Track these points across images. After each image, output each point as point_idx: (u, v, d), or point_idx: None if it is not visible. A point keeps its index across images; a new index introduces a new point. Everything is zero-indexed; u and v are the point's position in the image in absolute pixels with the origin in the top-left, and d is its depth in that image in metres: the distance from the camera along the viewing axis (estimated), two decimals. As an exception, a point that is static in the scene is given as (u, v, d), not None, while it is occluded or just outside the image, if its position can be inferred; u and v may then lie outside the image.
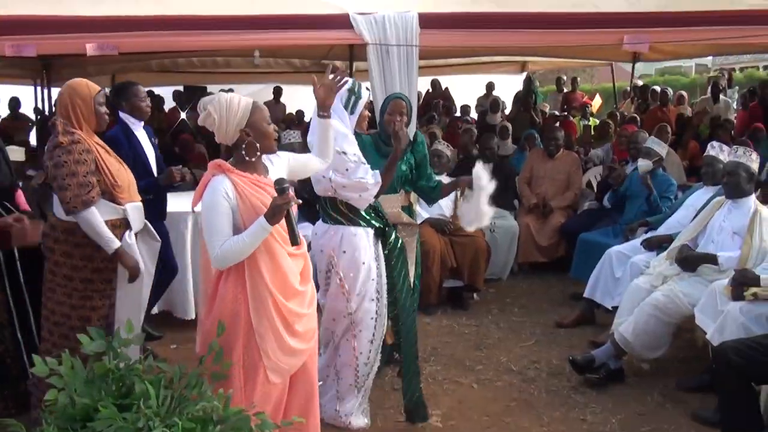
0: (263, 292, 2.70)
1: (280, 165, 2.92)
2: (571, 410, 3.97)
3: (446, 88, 12.40)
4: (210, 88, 11.36)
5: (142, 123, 4.59)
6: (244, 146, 2.73)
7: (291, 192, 2.68)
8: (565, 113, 11.52)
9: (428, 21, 5.85)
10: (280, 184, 2.65)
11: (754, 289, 3.67)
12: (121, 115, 4.52)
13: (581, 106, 11.90)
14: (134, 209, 3.58)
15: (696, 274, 4.26)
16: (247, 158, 2.74)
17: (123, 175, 3.58)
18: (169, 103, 11.44)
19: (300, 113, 11.32)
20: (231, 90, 11.63)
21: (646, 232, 5.44)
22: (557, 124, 9.09)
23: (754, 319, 3.61)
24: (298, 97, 11.75)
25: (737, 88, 12.74)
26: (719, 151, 4.85)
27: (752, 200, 4.29)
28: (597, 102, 12.70)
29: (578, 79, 14.05)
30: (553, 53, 10.15)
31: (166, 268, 4.63)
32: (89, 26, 5.19)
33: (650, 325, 4.16)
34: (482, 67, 12.20)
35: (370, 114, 3.78)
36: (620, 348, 4.26)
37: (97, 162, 3.43)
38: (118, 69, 9.45)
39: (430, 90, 12.44)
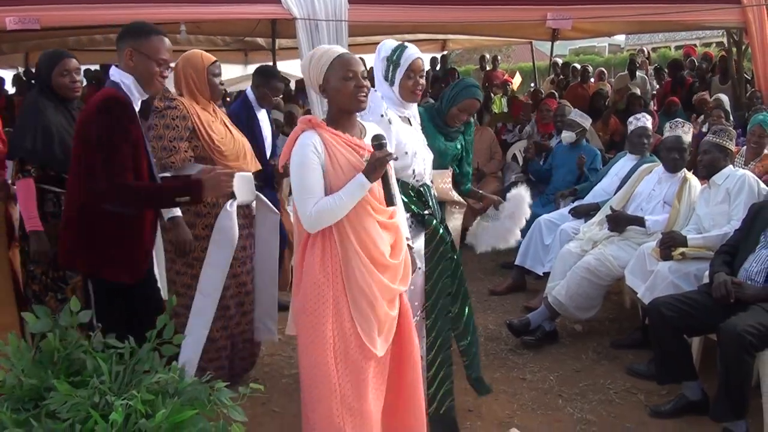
0: (353, 256, 2.52)
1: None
2: (511, 371, 4.12)
3: (371, 68, 12.39)
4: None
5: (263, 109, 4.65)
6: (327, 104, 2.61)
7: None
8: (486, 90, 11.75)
9: (357, -5, 5.87)
10: (378, 140, 2.51)
11: (681, 249, 3.89)
12: (248, 92, 4.58)
13: (502, 83, 12.14)
14: (241, 179, 3.45)
15: (624, 238, 4.47)
16: (335, 116, 2.58)
17: (230, 143, 3.56)
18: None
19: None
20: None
21: (573, 201, 5.65)
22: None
23: (682, 277, 3.84)
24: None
25: (654, 66, 13.26)
26: (645, 121, 5.14)
27: (683, 169, 4.55)
28: (517, 80, 12.98)
29: (498, 57, 14.31)
30: (475, 31, 10.31)
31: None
32: (8, -1, 4.96)
33: (583, 287, 4.34)
34: (404, 45, 12.25)
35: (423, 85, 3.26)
36: (554, 310, 4.44)
37: (195, 128, 3.43)
38: (33, 46, 9.01)
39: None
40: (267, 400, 3.64)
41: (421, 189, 3.23)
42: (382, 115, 3.08)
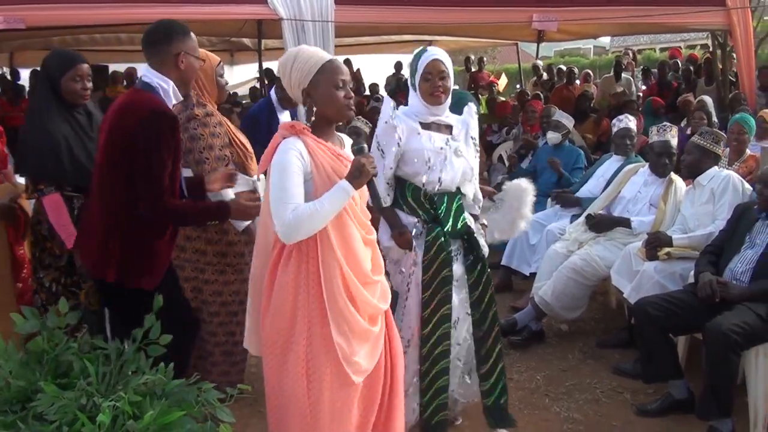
0: (336, 275, 2.34)
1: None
2: (498, 371, 4.12)
3: (358, 69, 12.42)
4: (112, 67, 10.96)
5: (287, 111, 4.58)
6: (306, 110, 2.45)
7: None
8: (473, 91, 11.79)
9: (343, -3, 5.90)
10: (358, 144, 2.39)
11: (667, 249, 3.92)
12: (271, 94, 4.52)
13: (488, 84, 12.19)
14: (263, 183, 3.47)
15: (610, 239, 4.49)
16: (317, 124, 2.42)
17: (251, 147, 3.56)
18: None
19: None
20: (133, 69, 11.24)
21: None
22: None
23: (668, 276, 3.87)
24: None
25: (642, 67, 13.36)
26: (627, 122, 5.17)
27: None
28: (503, 81, 13.05)
29: (484, 58, 14.36)
30: (461, 32, 10.35)
31: None
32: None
33: (569, 287, 4.36)
34: (390, 46, 12.28)
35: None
36: (541, 310, 4.45)
37: (229, 134, 3.41)
38: (18, 46, 8.92)
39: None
40: (254, 401, 3.61)
41: (436, 197, 3.12)
42: (386, 122, 3.08)
